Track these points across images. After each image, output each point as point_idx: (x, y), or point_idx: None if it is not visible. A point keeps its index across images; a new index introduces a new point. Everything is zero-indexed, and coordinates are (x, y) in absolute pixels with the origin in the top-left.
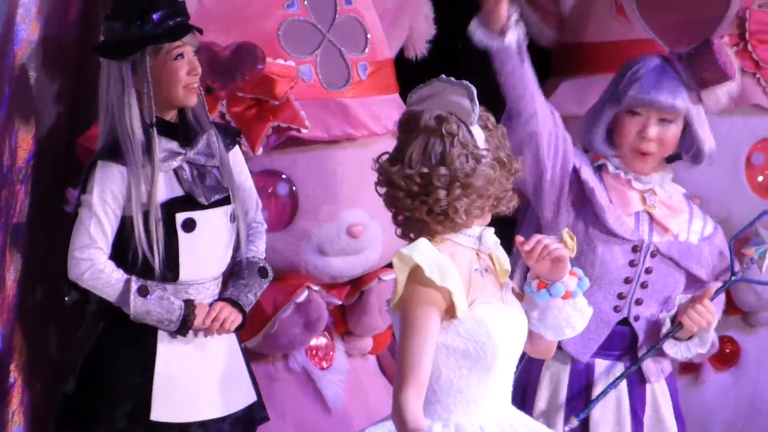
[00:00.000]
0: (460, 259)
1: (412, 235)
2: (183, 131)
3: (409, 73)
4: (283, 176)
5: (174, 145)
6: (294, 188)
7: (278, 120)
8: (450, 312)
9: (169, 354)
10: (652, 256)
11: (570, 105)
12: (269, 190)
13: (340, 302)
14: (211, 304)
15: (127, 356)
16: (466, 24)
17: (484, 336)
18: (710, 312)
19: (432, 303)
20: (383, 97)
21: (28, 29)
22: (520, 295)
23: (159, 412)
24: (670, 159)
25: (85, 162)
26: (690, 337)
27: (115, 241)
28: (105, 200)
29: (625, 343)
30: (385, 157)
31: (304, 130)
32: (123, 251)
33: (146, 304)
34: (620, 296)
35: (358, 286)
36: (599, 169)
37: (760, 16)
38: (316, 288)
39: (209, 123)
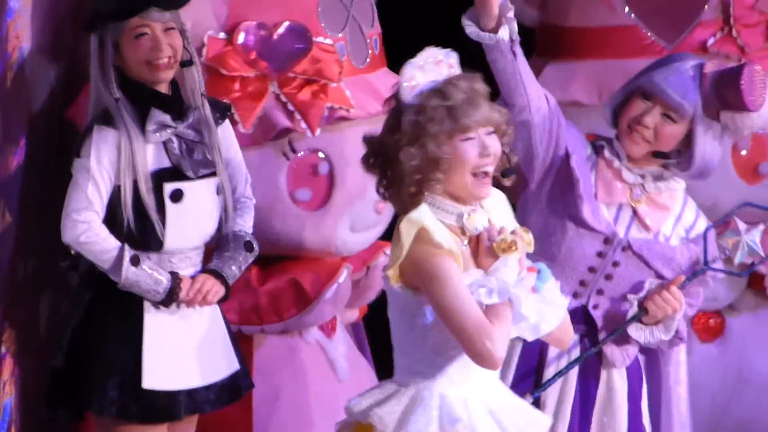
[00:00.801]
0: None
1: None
2: (176, 105)
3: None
4: (324, 155)
5: (167, 118)
6: (332, 167)
7: (330, 101)
8: None
9: (156, 324)
10: (623, 250)
11: (553, 90)
12: (312, 170)
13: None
14: (194, 276)
15: (116, 327)
16: None
17: None
18: (677, 300)
19: (447, 258)
20: (384, 70)
21: (18, 5)
22: None
23: (150, 381)
24: (657, 155)
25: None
26: (657, 323)
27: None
28: (101, 164)
29: (584, 322)
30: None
31: (351, 110)
32: (113, 219)
33: (137, 273)
34: (582, 283)
35: (363, 260)
36: (597, 151)
37: (743, 0)
38: (350, 267)
39: (201, 98)
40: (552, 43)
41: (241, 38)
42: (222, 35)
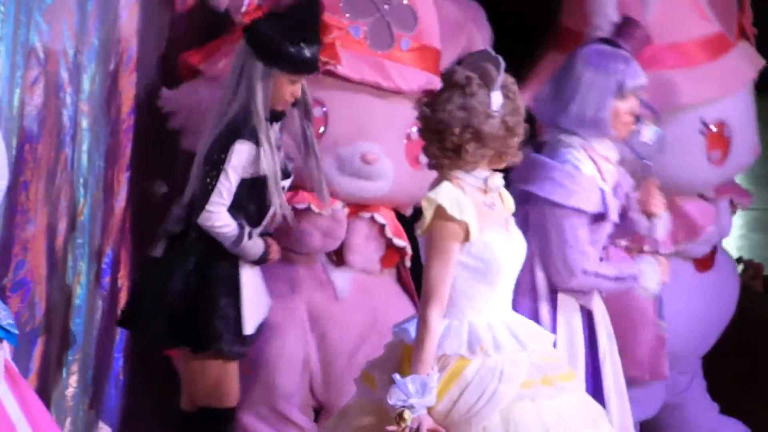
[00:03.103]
0: (470, 194)
1: (433, 165)
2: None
3: None
4: (321, 104)
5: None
6: (326, 112)
7: (321, 55)
8: (466, 238)
9: (247, 281)
10: None
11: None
12: None
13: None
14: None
15: (222, 282)
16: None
17: (490, 255)
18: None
19: (452, 236)
20: (419, 71)
21: (127, 13)
22: None
23: (248, 328)
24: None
25: (185, 76)
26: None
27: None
28: (237, 171)
29: None
30: (425, 100)
31: (339, 67)
32: (237, 205)
33: (250, 244)
34: None
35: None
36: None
37: None
38: (342, 205)
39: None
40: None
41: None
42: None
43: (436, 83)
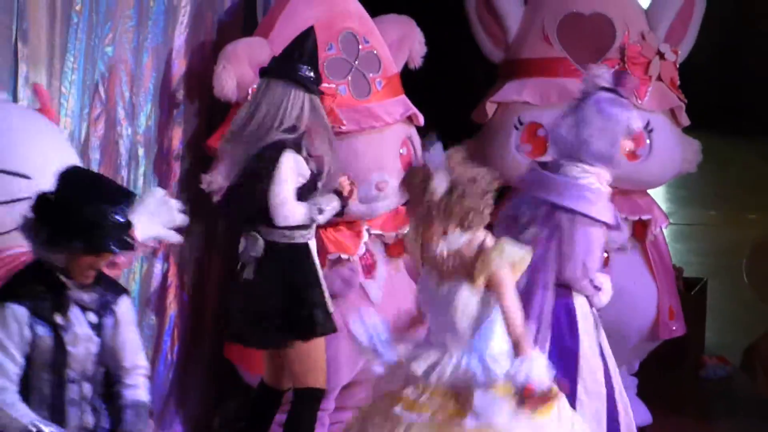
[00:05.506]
0: None
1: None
2: None
3: (412, 79)
4: None
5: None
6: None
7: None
8: None
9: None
10: None
11: (510, 95)
12: None
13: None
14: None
15: (306, 274)
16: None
17: None
18: None
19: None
20: (394, 99)
21: (178, 65)
22: None
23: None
24: None
25: (213, 153)
26: None
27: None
28: (296, 173)
29: None
30: None
31: (343, 127)
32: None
33: (326, 216)
34: None
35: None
36: None
37: (634, 47)
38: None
39: None
40: (512, 71)
41: None
42: None
43: (405, 101)
